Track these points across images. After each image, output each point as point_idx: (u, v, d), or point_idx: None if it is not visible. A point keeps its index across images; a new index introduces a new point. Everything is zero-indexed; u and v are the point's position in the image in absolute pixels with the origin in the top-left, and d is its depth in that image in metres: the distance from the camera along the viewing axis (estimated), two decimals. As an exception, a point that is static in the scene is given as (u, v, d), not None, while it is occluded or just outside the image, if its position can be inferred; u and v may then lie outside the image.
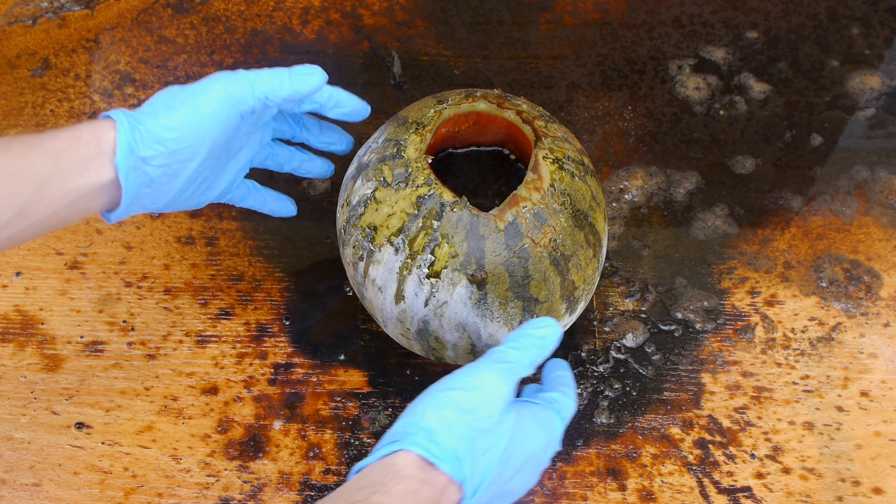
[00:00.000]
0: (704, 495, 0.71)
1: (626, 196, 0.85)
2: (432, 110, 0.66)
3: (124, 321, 0.78)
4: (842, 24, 0.94)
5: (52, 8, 0.92)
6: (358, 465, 0.53)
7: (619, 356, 0.77)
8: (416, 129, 0.65)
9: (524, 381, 0.63)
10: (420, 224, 0.61)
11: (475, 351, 0.66)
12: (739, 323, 0.79)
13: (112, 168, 0.59)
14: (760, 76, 0.91)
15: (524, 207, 0.61)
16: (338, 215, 0.70)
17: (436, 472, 0.52)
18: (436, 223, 0.61)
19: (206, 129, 0.61)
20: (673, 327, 0.78)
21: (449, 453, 0.52)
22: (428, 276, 0.61)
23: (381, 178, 0.63)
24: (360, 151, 0.69)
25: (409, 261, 0.61)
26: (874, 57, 0.92)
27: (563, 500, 0.70)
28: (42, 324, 0.78)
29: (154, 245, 0.82)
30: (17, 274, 0.80)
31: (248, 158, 0.70)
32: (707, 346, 0.78)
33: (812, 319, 0.79)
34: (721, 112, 0.89)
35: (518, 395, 0.63)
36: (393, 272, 0.63)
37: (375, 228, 0.63)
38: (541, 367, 0.65)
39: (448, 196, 0.61)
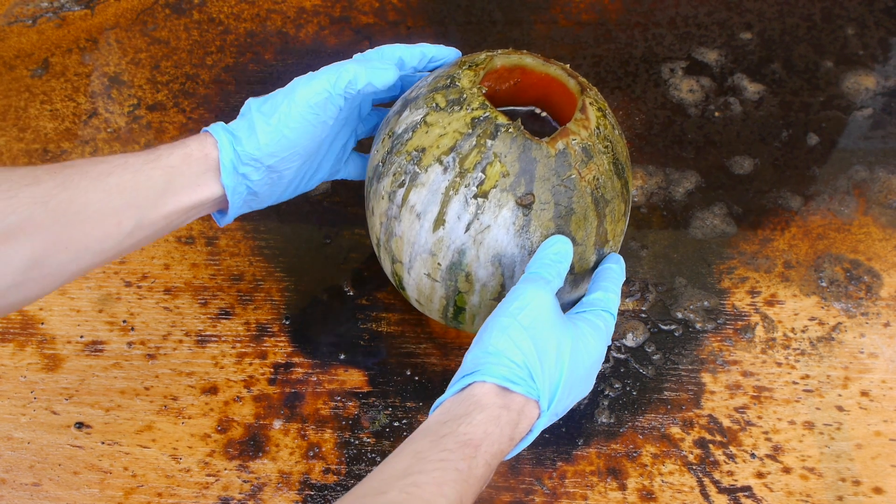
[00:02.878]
0: (705, 495, 0.71)
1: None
2: (483, 55, 0.67)
3: (124, 321, 0.78)
4: (836, 24, 0.94)
5: (51, 8, 0.92)
6: (438, 400, 0.57)
7: (620, 356, 0.77)
8: (470, 66, 0.66)
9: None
10: (474, 142, 0.61)
11: (501, 297, 0.65)
12: (739, 323, 0.79)
13: (220, 184, 0.63)
14: (754, 76, 0.92)
15: (574, 139, 0.63)
16: (372, 156, 0.69)
17: (512, 395, 0.56)
18: (489, 142, 0.61)
19: (296, 140, 0.64)
20: (673, 327, 0.78)
21: (522, 374, 0.55)
22: (476, 196, 0.61)
23: (434, 104, 0.64)
24: (406, 93, 0.69)
25: (458, 179, 0.61)
26: (868, 57, 0.92)
27: (564, 499, 0.70)
28: (42, 323, 0.78)
29: (154, 245, 0.82)
30: (17, 274, 0.80)
31: (349, 136, 0.73)
32: (707, 346, 0.78)
33: (812, 319, 0.79)
34: (716, 114, 0.89)
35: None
36: (438, 193, 0.62)
37: (424, 150, 0.63)
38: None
39: (503, 119, 0.62)
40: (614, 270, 0.66)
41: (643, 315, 0.79)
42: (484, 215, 0.61)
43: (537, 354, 0.56)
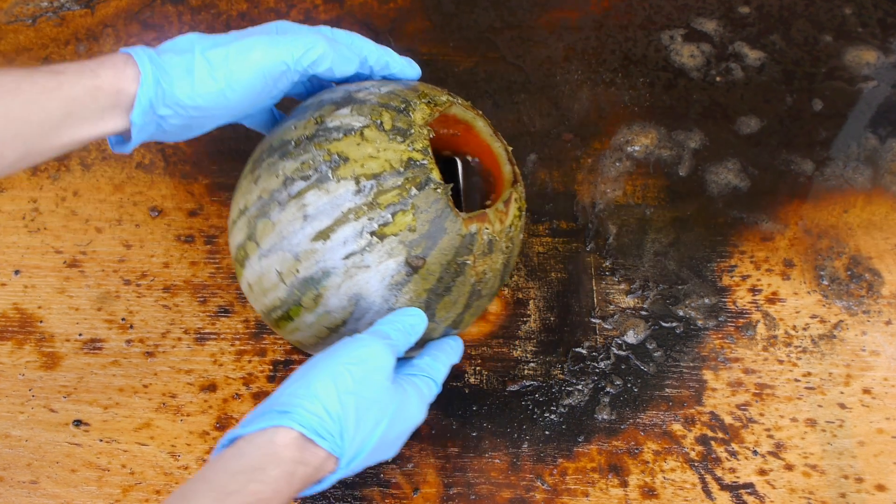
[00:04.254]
0: (707, 492, 0.70)
1: (630, 149, 0.84)
2: (445, 97, 0.66)
3: (123, 319, 0.78)
4: (834, 3, 0.94)
5: (51, 7, 0.92)
6: (234, 432, 0.51)
7: (621, 353, 0.77)
8: (428, 102, 0.64)
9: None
10: (399, 183, 0.59)
11: (338, 330, 0.63)
12: (741, 320, 0.78)
13: (127, 119, 0.56)
14: (754, 45, 0.91)
15: (486, 228, 0.62)
16: (287, 126, 0.64)
17: (315, 449, 0.51)
18: (414, 191, 0.59)
19: (236, 102, 0.58)
20: (674, 324, 0.78)
21: (332, 430, 0.51)
22: (373, 234, 0.58)
23: (378, 121, 0.61)
24: (352, 86, 0.65)
25: (366, 209, 0.59)
26: (868, 34, 0.92)
27: (565, 496, 0.70)
28: (41, 322, 0.78)
29: (153, 243, 0.82)
30: (16, 272, 0.80)
31: (277, 97, 0.65)
32: (709, 343, 0.77)
33: (814, 317, 0.79)
34: (718, 78, 0.89)
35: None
36: (338, 209, 0.59)
37: (347, 160, 0.59)
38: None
39: (437, 175, 0.60)
40: (452, 346, 0.65)
41: (644, 312, 0.78)
42: (370, 255, 0.59)
43: (356, 414, 0.53)
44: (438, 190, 0.60)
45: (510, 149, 0.69)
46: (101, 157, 0.85)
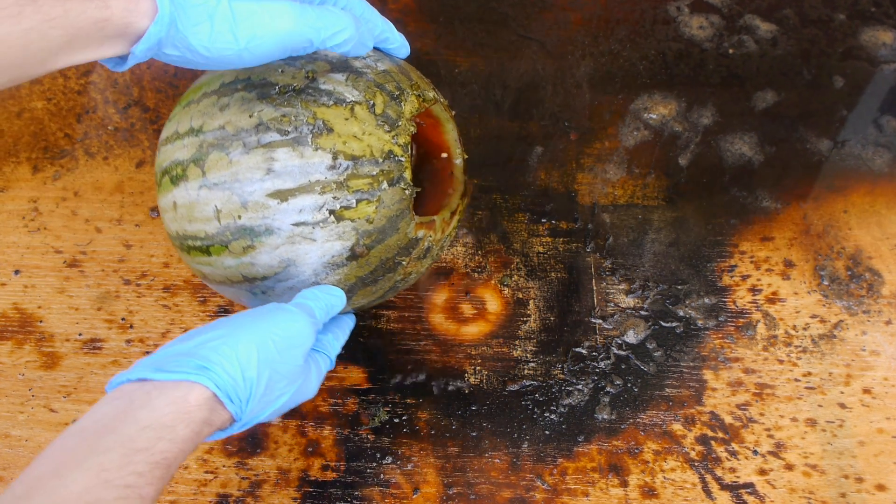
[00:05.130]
0: (707, 491, 0.70)
1: (647, 116, 0.84)
2: (432, 93, 0.65)
3: (123, 319, 0.78)
4: None
5: None
6: (144, 373, 0.49)
7: (621, 353, 0.77)
8: (418, 96, 0.63)
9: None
10: (374, 173, 0.59)
11: (254, 282, 0.62)
12: (741, 320, 0.78)
13: (128, 48, 0.52)
14: (766, 18, 0.90)
15: (430, 236, 0.63)
16: (275, 68, 0.60)
17: (222, 411, 0.50)
18: (384, 184, 0.59)
19: (245, 62, 0.55)
20: (674, 324, 0.78)
21: (244, 395, 0.51)
22: (331, 213, 0.58)
23: (371, 102, 0.59)
24: (349, 51, 0.62)
25: (334, 187, 0.57)
26: (881, 14, 0.91)
27: (565, 495, 0.70)
28: (40, 321, 0.78)
29: (153, 243, 0.82)
30: (16, 272, 0.80)
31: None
32: (709, 343, 0.77)
33: (814, 317, 0.79)
34: (730, 51, 0.89)
35: None
36: (307, 177, 0.57)
37: (331, 131, 0.58)
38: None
39: (409, 176, 0.60)
40: (349, 325, 0.65)
41: (644, 312, 0.78)
42: (321, 231, 0.58)
43: (267, 384, 0.52)
44: (407, 191, 0.60)
45: (466, 158, 0.70)
46: (101, 158, 0.85)
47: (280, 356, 0.53)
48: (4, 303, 0.79)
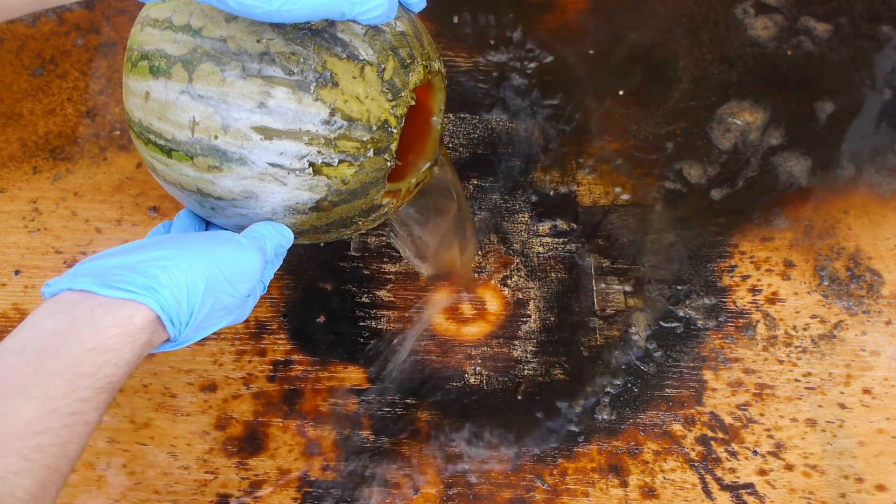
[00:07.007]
0: (707, 492, 0.70)
1: (732, 121, 0.84)
2: (437, 64, 0.64)
3: (123, 319, 0.78)
4: None
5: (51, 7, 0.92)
6: (92, 285, 0.48)
7: (621, 353, 0.77)
8: (425, 66, 0.62)
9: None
10: (365, 138, 0.58)
11: (207, 198, 0.60)
12: (741, 320, 0.78)
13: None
14: (820, 20, 0.90)
15: (391, 204, 0.64)
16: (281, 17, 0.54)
17: (162, 333, 0.51)
18: (369, 153, 0.59)
19: (275, 20, 0.52)
20: (674, 324, 0.78)
21: (184, 320, 0.51)
22: (311, 165, 0.57)
23: (382, 66, 0.58)
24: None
25: (322, 142, 0.56)
26: None
27: (565, 496, 0.70)
28: (40, 321, 0.78)
29: (153, 243, 0.82)
30: (16, 272, 0.80)
31: None
32: (709, 343, 0.77)
33: (814, 317, 0.79)
34: (788, 52, 0.89)
35: None
36: (299, 124, 0.56)
37: (336, 85, 0.56)
38: None
39: (394, 147, 0.61)
40: (283, 254, 0.64)
41: (644, 312, 0.78)
42: (294, 178, 0.57)
43: (206, 313, 0.53)
44: (389, 163, 0.61)
45: (445, 148, 0.70)
46: (101, 158, 0.85)
47: (226, 287, 0.53)
48: (5, 303, 0.79)
